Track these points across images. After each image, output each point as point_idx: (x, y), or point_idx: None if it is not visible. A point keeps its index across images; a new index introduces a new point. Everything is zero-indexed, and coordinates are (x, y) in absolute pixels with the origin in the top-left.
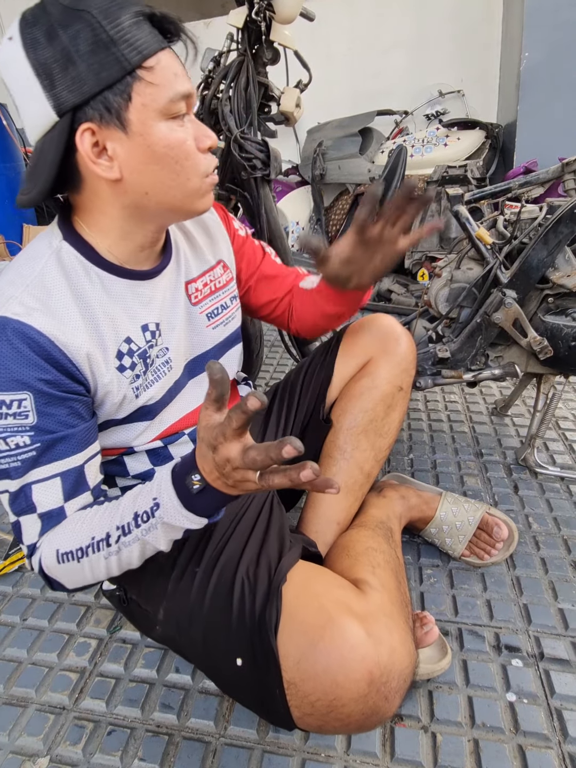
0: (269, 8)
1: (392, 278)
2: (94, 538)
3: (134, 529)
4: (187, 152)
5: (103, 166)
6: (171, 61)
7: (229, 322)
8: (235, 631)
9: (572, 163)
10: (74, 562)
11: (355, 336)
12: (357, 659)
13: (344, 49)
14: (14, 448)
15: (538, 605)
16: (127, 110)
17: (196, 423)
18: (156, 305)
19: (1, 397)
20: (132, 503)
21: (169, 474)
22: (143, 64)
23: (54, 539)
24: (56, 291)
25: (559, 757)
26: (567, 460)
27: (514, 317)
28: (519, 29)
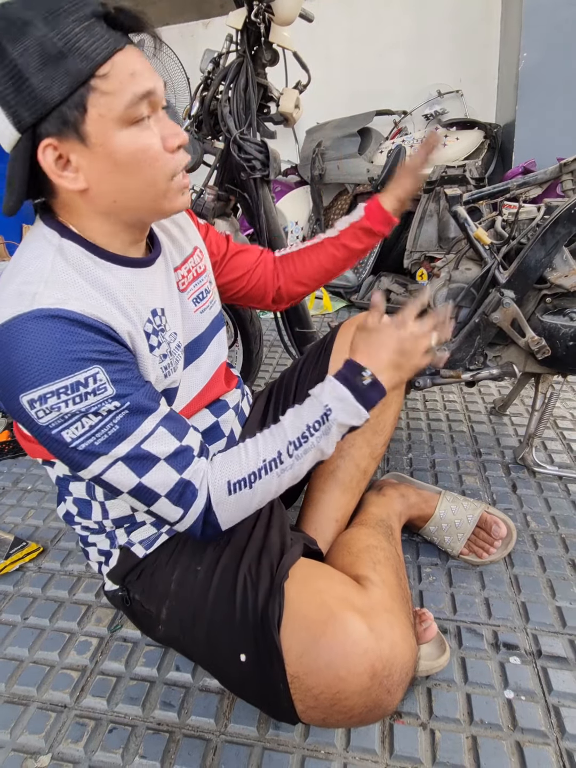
0: (268, 10)
1: (391, 278)
2: (265, 460)
3: (310, 438)
4: (153, 157)
5: (68, 179)
6: (128, 59)
7: (213, 305)
8: (239, 627)
9: (570, 164)
10: (247, 489)
11: (350, 334)
12: (359, 653)
13: (343, 49)
14: (106, 414)
15: (536, 603)
16: (84, 123)
17: (197, 410)
18: (158, 292)
19: (75, 378)
20: (297, 419)
21: (333, 381)
22: (96, 73)
23: (221, 474)
24: (73, 284)
25: (556, 753)
26: (565, 459)
27: (512, 317)
28: (517, 29)
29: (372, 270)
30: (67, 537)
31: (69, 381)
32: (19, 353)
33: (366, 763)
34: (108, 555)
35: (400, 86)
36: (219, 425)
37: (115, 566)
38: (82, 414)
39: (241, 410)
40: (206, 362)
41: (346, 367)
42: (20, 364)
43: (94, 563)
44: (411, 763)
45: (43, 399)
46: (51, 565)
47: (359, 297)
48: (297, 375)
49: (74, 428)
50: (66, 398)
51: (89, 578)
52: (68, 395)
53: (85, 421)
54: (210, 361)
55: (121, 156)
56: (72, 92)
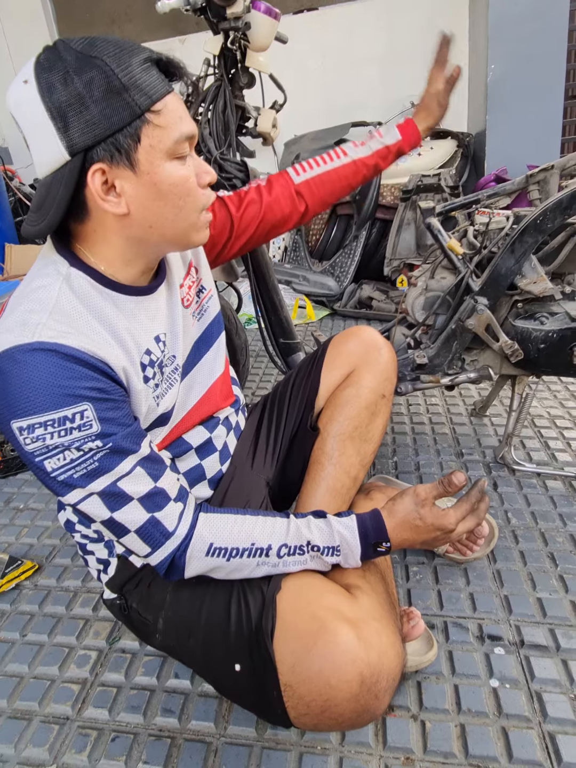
0: (244, 38)
1: (372, 285)
2: (254, 544)
3: (305, 554)
4: (189, 189)
5: (112, 203)
6: (177, 104)
7: (208, 309)
8: (233, 639)
9: (536, 175)
10: (222, 559)
11: (339, 348)
12: (348, 662)
13: (318, 64)
14: (87, 451)
15: (518, 596)
16: (137, 151)
17: (191, 427)
18: (161, 317)
19: (63, 413)
20: (305, 530)
21: (356, 534)
22: (152, 108)
23: (209, 533)
24: (77, 315)
25: (539, 736)
26: (543, 456)
27: (486, 323)
28: (484, 42)
29: (353, 278)
30: (62, 553)
31: (57, 415)
32: (16, 382)
33: (361, 755)
34: (106, 564)
35: (375, 98)
36: (212, 440)
37: (113, 575)
38: (65, 447)
39: (236, 425)
40: (201, 374)
41: (373, 526)
42: (15, 392)
43: (94, 570)
44: (404, 754)
45: (31, 428)
46: (47, 582)
47: (342, 305)
48: (290, 388)
49: (56, 459)
50: (52, 431)
51: (86, 593)
52: (54, 428)
53: (67, 454)
54: (204, 374)
55: (163, 185)
56: (129, 122)
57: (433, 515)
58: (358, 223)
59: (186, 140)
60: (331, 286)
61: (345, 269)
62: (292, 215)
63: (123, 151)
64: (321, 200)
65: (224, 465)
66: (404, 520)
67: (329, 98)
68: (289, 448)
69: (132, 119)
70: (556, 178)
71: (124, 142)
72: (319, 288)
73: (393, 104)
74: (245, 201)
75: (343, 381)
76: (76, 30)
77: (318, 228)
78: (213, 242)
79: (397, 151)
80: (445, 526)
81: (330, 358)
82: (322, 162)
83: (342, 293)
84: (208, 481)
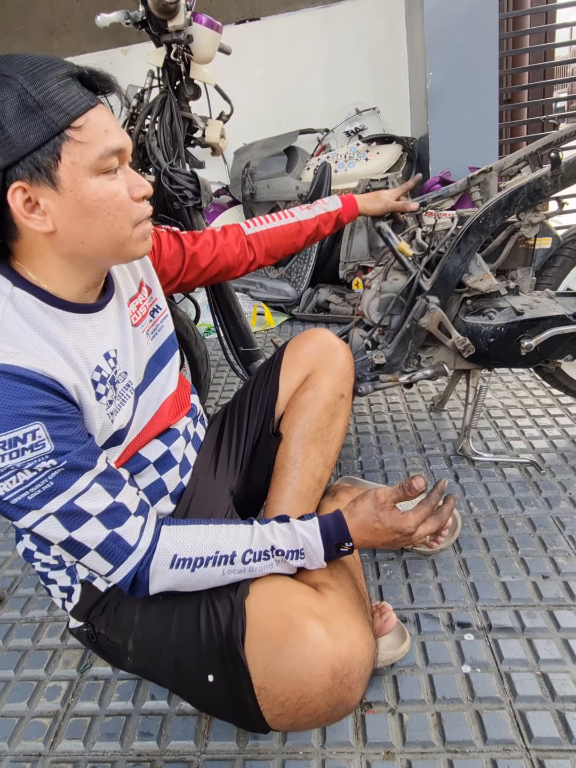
0: (187, 50)
1: (329, 289)
2: (218, 552)
3: (270, 558)
4: (119, 204)
5: (36, 221)
6: (102, 117)
7: (161, 329)
8: (205, 650)
9: (476, 177)
10: (187, 570)
11: (296, 351)
12: (319, 656)
13: (263, 72)
14: (41, 471)
15: (483, 582)
16: (57, 169)
17: (147, 441)
18: (110, 334)
19: (14, 434)
20: (270, 536)
21: (318, 537)
22: (71, 124)
23: (172, 545)
24: (23, 335)
25: (510, 715)
26: (499, 445)
27: (439, 321)
28: (422, 51)
29: (309, 282)
30: (24, 583)
31: (8, 436)
32: None
33: (342, 755)
34: (70, 591)
35: (320, 105)
36: (171, 453)
37: (78, 602)
38: (17, 469)
39: (195, 435)
40: (154, 392)
41: (335, 527)
42: None
43: (58, 599)
44: (384, 748)
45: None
46: (10, 614)
47: (300, 310)
48: (249, 395)
49: (8, 482)
50: (3, 453)
51: (53, 622)
52: (5, 450)
53: (20, 476)
54: (157, 391)
55: (89, 201)
56: (47, 140)
57: (392, 518)
58: None
59: (112, 155)
60: (288, 292)
61: (301, 274)
62: (242, 263)
63: (42, 169)
64: (268, 252)
65: (185, 477)
66: (364, 521)
67: (276, 107)
68: (252, 455)
69: (49, 137)
70: (494, 179)
71: (42, 160)
72: (277, 294)
73: (339, 111)
74: (200, 239)
75: (301, 384)
76: (12, 42)
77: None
78: (164, 271)
79: (337, 219)
80: (403, 529)
81: (287, 363)
82: (271, 219)
83: (299, 298)
84: (170, 496)
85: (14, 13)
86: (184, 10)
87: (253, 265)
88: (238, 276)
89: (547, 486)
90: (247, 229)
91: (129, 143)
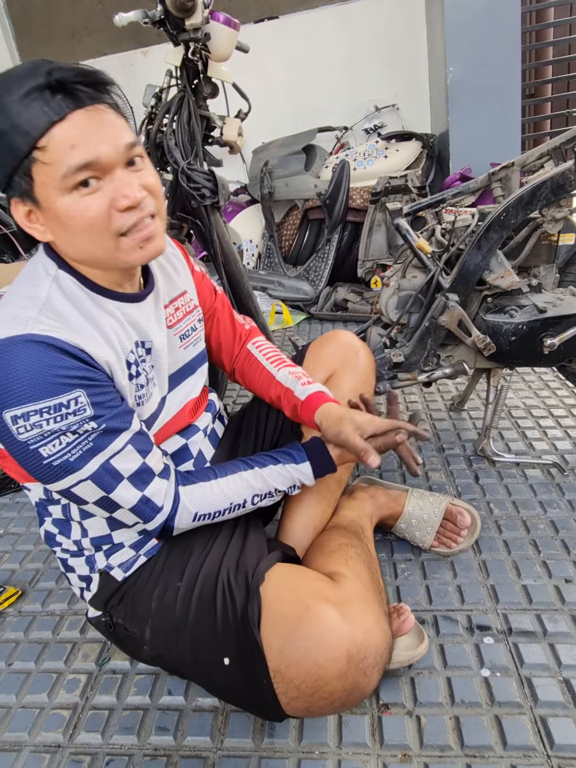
0: (204, 49)
1: (347, 288)
2: (231, 503)
3: (274, 495)
4: (90, 219)
5: (37, 230)
6: (69, 131)
7: (197, 342)
8: (221, 633)
9: (498, 173)
10: (208, 520)
11: (318, 352)
12: (335, 640)
13: (281, 71)
14: (83, 433)
15: (504, 584)
16: (33, 189)
17: (166, 438)
18: (143, 327)
19: (59, 400)
20: (270, 478)
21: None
22: (36, 145)
23: (192, 505)
24: (66, 312)
25: (531, 720)
26: (521, 446)
27: (458, 318)
28: (442, 46)
29: (328, 281)
30: (45, 577)
31: (53, 402)
32: (8, 372)
33: (359, 756)
34: (88, 580)
35: (339, 103)
36: (188, 447)
37: (96, 592)
38: (62, 432)
39: (213, 431)
40: (178, 395)
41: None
42: (8, 382)
43: (77, 588)
44: (401, 750)
45: (27, 416)
46: (31, 607)
47: (318, 308)
48: None
49: (52, 445)
50: (48, 417)
51: (72, 616)
52: (51, 414)
53: (63, 438)
54: (181, 395)
55: (63, 219)
56: (18, 165)
57: None
58: (329, 226)
59: (80, 170)
60: (306, 291)
61: (319, 273)
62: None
63: (23, 190)
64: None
65: None
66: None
67: (294, 105)
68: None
69: (18, 162)
70: (516, 174)
71: (21, 181)
72: (295, 293)
73: (357, 108)
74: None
75: (323, 384)
76: (36, 45)
77: (290, 233)
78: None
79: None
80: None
81: (309, 363)
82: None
83: (317, 297)
84: None
85: (38, 17)
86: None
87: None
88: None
89: (571, 488)
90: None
91: (106, 151)
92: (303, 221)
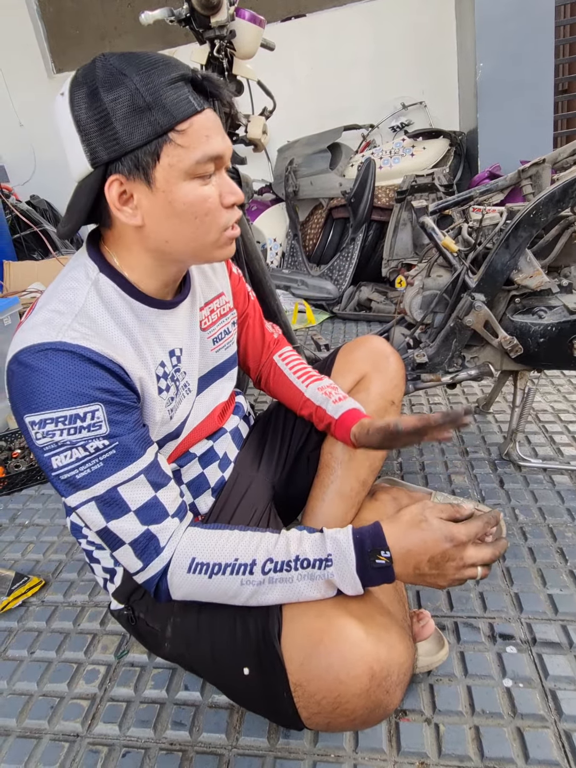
0: (230, 46)
1: (371, 287)
2: (237, 559)
3: (292, 570)
4: (208, 209)
5: (127, 213)
6: (206, 123)
7: (230, 346)
8: (241, 642)
9: (528, 170)
10: (204, 576)
11: (348, 356)
12: (357, 656)
13: (307, 69)
14: (93, 451)
15: (528, 593)
16: (155, 168)
17: (196, 442)
18: (178, 333)
19: (75, 411)
20: (295, 544)
21: (350, 538)
22: (176, 127)
23: (191, 547)
24: (101, 321)
25: (555, 734)
26: (548, 451)
27: (485, 319)
28: (472, 41)
29: (351, 281)
30: (68, 568)
31: (69, 412)
32: (35, 377)
33: (375, 762)
34: (112, 573)
35: (365, 101)
36: (213, 448)
37: (120, 585)
38: (72, 445)
39: (237, 431)
40: (207, 398)
41: (370, 533)
42: (32, 387)
43: (100, 579)
44: (418, 758)
45: (42, 423)
46: (54, 597)
47: (341, 308)
48: None
49: (62, 456)
50: (62, 427)
51: (93, 607)
52: (65, 425)
53: (74, 452)
54: (210, 399)
55: (178, 204)
56: (150, 141)
57: (441, 520)
58: (354, 225)
59: (209, 161)
60: (329, 290)
61: (343, 272)
62: (251, 366)
63: (141, 167)
64: (268, 387)
65: (226, 472)
66: (409, 522)
67: (320, 103)
68: (298, 454)
69: (153, 138)
70: (547, 171)
71: (143, 159)
72: (318, 292)
73: (384, 106)
74: (259, 316)
75: (353, 387)
76: (67, 47)
77: (315, 232)
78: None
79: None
80: (453, 535)
81: (339, 365)
82: (300, 374)
83: (341, 296)
84: (210, 490)
85: (69, 20)
86: (227, 6)
87: (254, 383)
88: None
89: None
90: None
91: (229, 150)
92: (327, 220)
